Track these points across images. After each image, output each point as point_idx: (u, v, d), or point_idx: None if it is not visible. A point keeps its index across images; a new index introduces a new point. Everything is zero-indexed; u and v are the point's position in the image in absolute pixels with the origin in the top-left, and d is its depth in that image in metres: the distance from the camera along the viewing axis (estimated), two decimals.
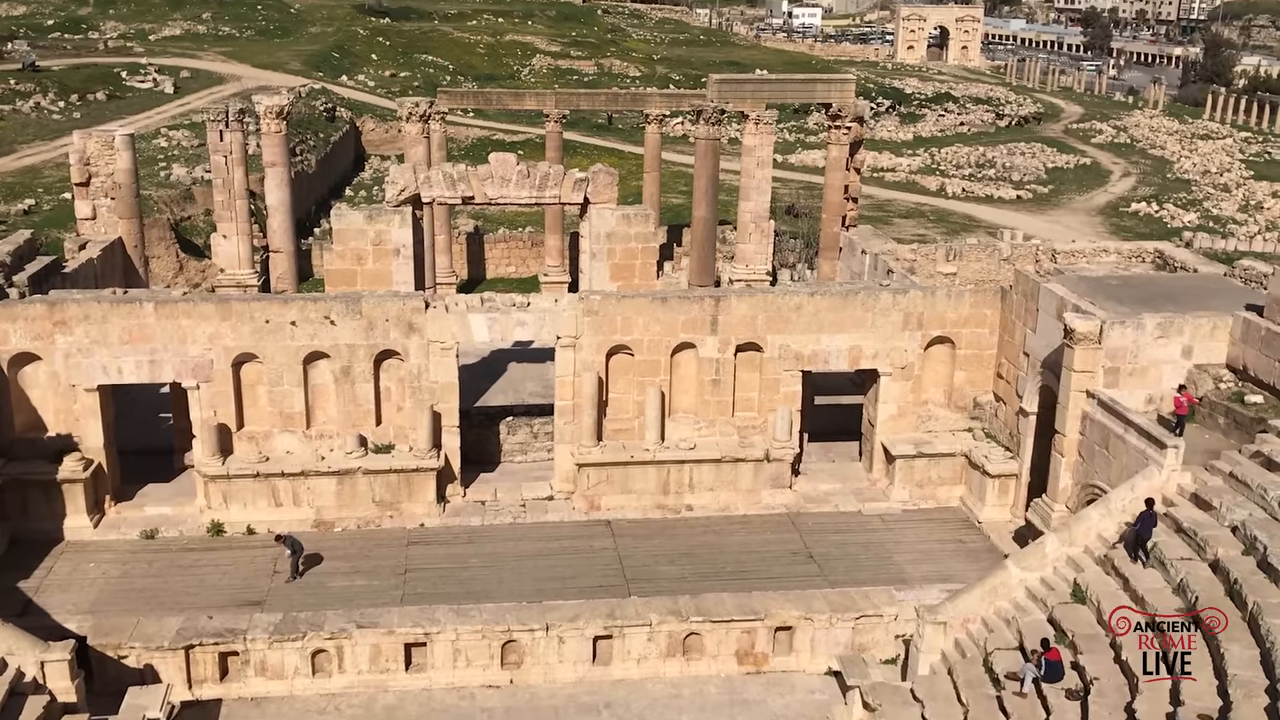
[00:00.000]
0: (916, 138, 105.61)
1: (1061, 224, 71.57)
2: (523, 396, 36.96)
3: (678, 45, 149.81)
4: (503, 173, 34.21)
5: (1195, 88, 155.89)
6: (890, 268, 37.71)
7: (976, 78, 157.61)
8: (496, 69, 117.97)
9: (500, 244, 59.48)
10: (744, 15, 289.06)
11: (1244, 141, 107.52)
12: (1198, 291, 33.84)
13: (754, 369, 33.59)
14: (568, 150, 66.83)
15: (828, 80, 54.51)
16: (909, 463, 33.88)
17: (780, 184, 67.82)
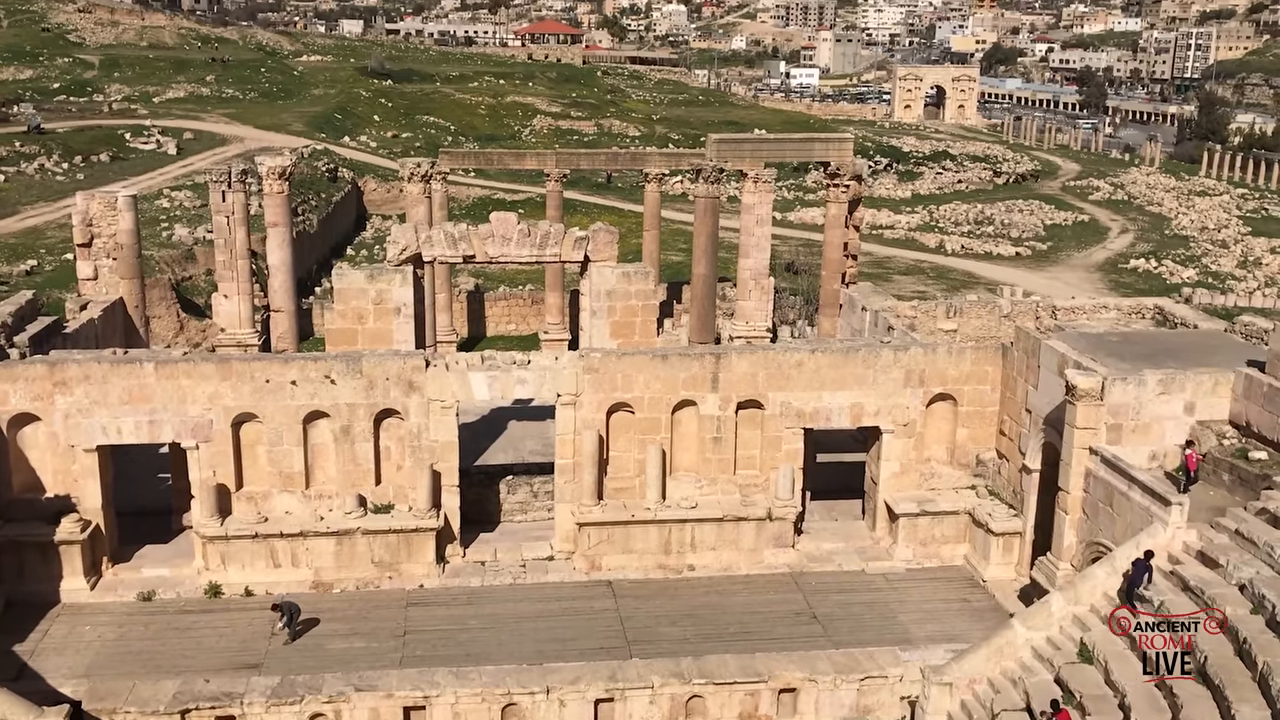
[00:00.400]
0: (915, 195, 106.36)
1: (1061, 280, 71.79)
2: (523, 455, 36.82)
3: (677, 105, 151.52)
4: (504, 232, 34.36)
5: (1191, 145, 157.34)
6: (891, 324, 37.73)
7: (974, 136, 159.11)
8: (498, 129, 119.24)
9: (501, 302, 59.62)
10: (742, 76, 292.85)
11: (1240, 198, 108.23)
12: (1199, 348, 33.81)
13: (755, 426, 33.47)
14: (568, 209, 67.22)
15: (826, 139, 55.02)
16: (912, 521, 33.64)
17: (780, 241, 68.14)
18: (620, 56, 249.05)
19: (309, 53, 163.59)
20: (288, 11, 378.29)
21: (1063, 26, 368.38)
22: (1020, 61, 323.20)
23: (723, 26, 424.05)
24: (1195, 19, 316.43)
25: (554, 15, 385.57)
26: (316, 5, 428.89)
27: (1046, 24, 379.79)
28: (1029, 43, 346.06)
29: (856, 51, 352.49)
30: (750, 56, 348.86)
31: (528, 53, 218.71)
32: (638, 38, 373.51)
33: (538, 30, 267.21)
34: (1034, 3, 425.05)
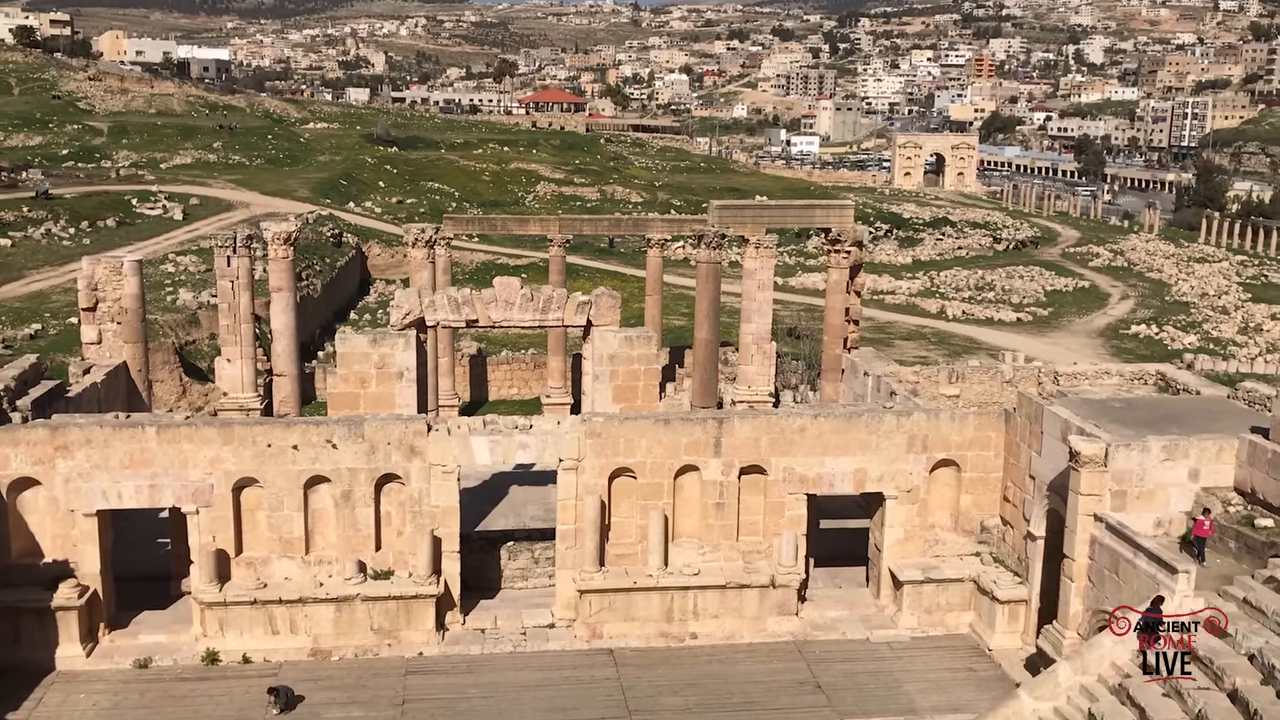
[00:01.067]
0: (916, 261, 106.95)
1: (1062, 346, 71.86)
2: (524, 520, 36.60)
3: (679, 172, 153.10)
4: (507, 296, 34.52)
5: (1189, 212, 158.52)
6: (893, 390, 37.72)
7: (973, 203, 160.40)
8: (501, 195, 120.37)
9: (503, 366, 59.69)
10: (743, 143, 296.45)
11: (1240, 264, 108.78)
12: (1202, 414, 33.75)
13: (758, 492, 33.31)
14: (571, 274, 67.56)
15: (826, 205, 55.41)
16: (917, 589, 33.33)
17: (781, 306, 68.39)
18: (623, 124, 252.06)
19: (315, 120, 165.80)
20: (295, 80, 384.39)
21: (1060, 95, 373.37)
22: (1019, 130, 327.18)
23: (724, 95, 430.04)
24: (1191, 89, 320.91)
25: (558, 84, 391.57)
26: (324, 74, 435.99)
27: (1044, 93, 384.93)
28: (1027, 111, 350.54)
29: (856, 120, 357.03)
30: (751, 124, 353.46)
31: (532, 120, 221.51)
32: (640, 106, 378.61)
33: (542, 99, 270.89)
34: (1031, 72, 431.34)
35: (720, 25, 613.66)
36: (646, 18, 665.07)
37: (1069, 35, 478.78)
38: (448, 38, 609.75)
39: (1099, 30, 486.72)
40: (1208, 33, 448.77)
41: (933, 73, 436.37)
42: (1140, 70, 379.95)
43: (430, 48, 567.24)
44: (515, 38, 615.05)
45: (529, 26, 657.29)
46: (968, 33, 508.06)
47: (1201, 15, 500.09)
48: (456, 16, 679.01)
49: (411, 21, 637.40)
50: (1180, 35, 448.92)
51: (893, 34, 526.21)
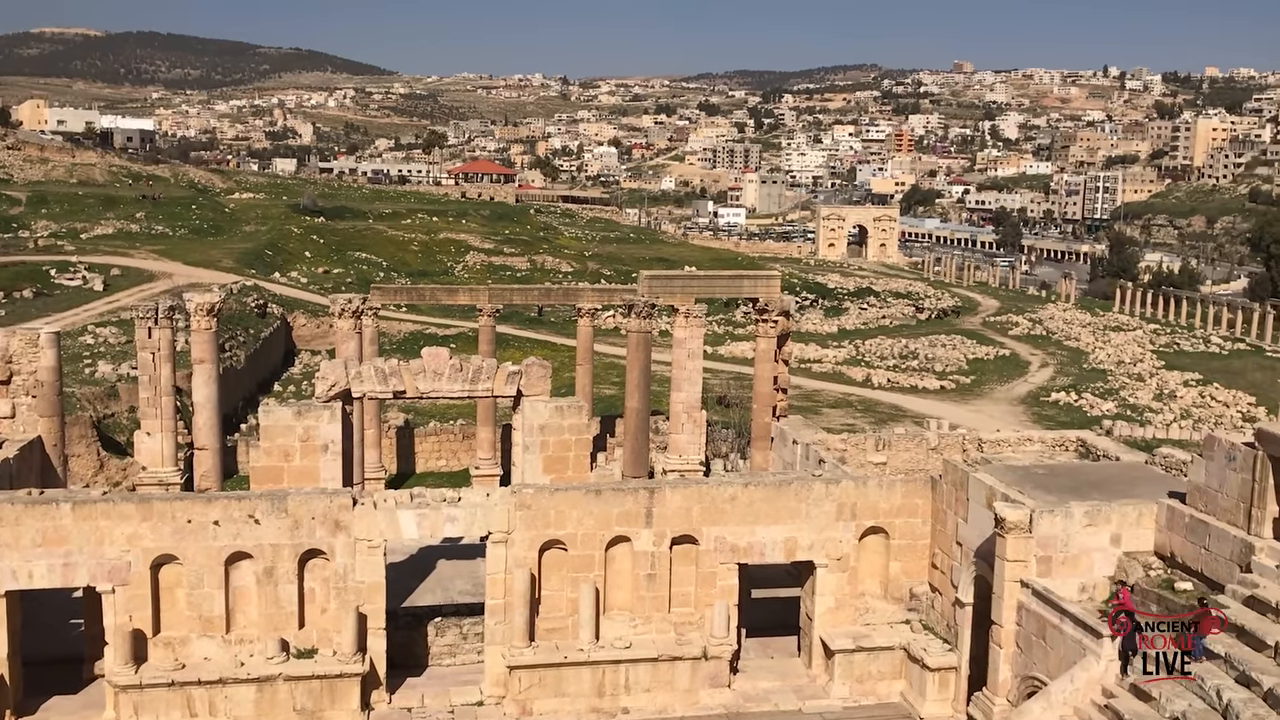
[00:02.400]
0: (841, 330, 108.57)
1: (985, 413, 73.14)
2: (452, 595, 35.97)
3: (608, 243, 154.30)
4: (435, 367, 34.26)
5: (1104, 282, 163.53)
6: (821, 458, 37.97)
7: (896, 273, 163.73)
8: (430, 265, 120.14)
9: (431, 437, 59.08)
10: (671, 214, 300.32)
11: (1153, 333, 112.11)
12: (1121, 479, 34.45)
13: (690, 562, 33.16)
14: (501, 343, 67.43)
15: (754, 276, 56.19)
16: (848, 657, 33.29)
17: (711, 374, 68.82)
18: (552, 195, 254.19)
19: (241, 190, 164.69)
20: (221, 150, 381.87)
21: (977, 169, 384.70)
22: (938, 202, 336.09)
23: (652, 168, 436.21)
24: (1101, 164, 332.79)
25: (487, 155, 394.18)
26: (250, 144, 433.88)
27: (962, 167, 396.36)
28: (946, 184, 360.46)
29: (781, 192, 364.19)
30: (679, 196, 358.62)
31: (461, 191, 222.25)
32: (570, 178, 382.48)
33: (471, 170, 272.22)
34: (949, 147, 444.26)
35: (648, 100, 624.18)
36: (575, 91, 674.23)
37: (985, 112, 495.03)
38: (376, 109, 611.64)
39: (1013, 107, 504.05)
40: (1115, 110, 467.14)
41: (854, 147, 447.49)
42: (1053, 145, 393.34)
43: (359, 119, 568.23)
44: (444, 110, 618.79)
45: (458, 99, 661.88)
46: (888, 109, 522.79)
47: (1109, 94, 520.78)
48: (385, 88, 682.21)
49: (340, 93, 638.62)
50: (1090, 112, 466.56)
51: (815, 109, 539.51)
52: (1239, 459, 27.69)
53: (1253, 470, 27.19)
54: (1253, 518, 27.18)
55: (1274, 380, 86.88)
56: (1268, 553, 26.35)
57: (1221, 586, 26.95)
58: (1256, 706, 22.57)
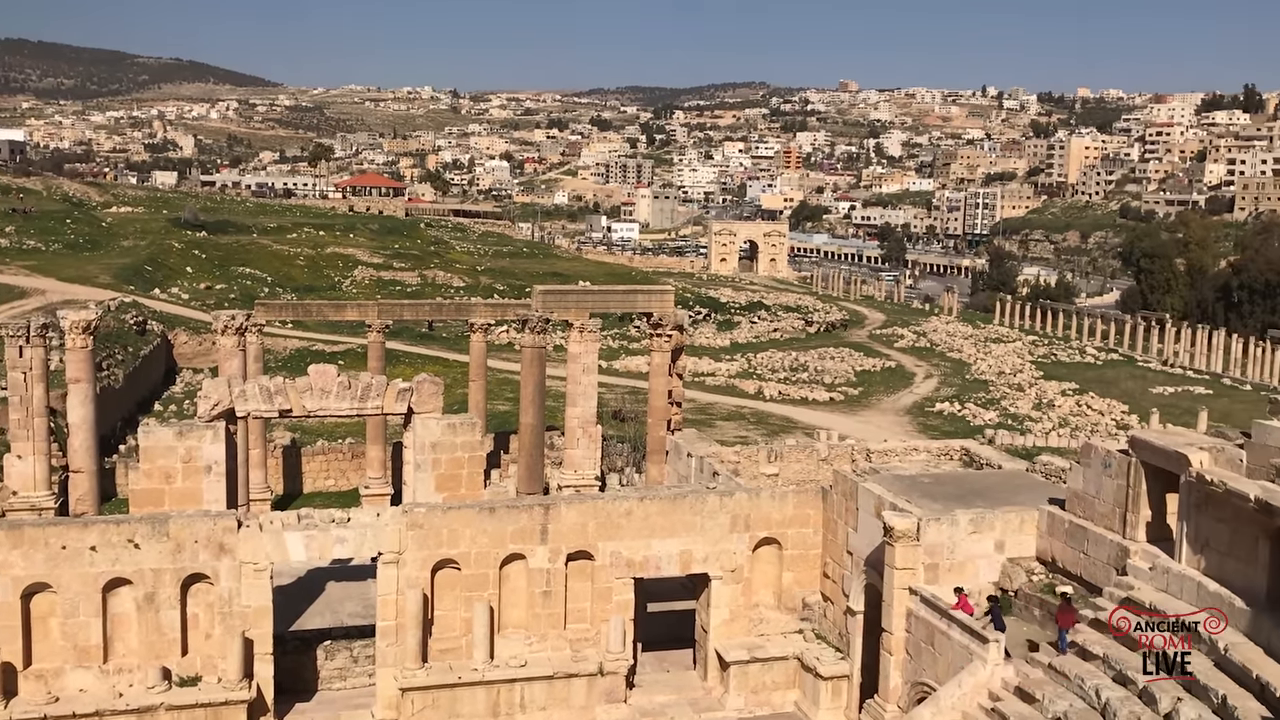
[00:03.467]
0: (733, 344, 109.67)
1: (873, 424, 74.55)
2: (342, 618, 35.18)
3: (501, 257, 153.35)
4: (322, 385, 33.55)
5: (984, 295, 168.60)
6: (716, 470, 38.25)
7: (785, 287, 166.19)
8: (317, 280, 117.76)
9: (319, 456, 57.81)
10: (565, 229, 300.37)
11: (1032, 344, 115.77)
12: (1004, 487, 35.46)
13: (585, 578, 33.03)
14: (391, 360, 66.41)
15: (648, 290, 56.44)
16: (743, 669, 33.53)
17: (606, 389, 68.79)
18: (444, 209, 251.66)
19: (119, 204, 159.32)
20: (97, 163, 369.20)
21: (863, 186, 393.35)
22: (825, 218, 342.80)
23: (545, 182, 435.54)
24: (981, 180, 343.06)
25: (376, 169, 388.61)
26: (128, 157, 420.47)
27: (848, 183, 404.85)
28: (833, 200, 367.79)
29: (674, 207, 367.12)
30: (573, 211, 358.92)
31: (349, 205, 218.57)
32: (461, 191, 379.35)
33: (359, 183, 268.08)
34: (836, 164, 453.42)
35: (540, 114, 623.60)
36: (466, 105, 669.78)
37: (869, 130, 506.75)
38: (260, 121, 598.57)
39: (897, 125, 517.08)
40: (994, 129, 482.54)
41: (744, 163, 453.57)
42: (935, 163, 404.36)
43: (242, 131, 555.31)
44: (331, 122, 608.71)
45: (345, 111, 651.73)
46: (776, 126, 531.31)
47: (987, 113, 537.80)
48: (270, 100, 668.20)
49: (223, 104, 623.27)
50: (970, 131, 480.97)
51: (706, 126, 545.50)
52: (1114, 466, 28.73)
53: (1127, 476, 28.24)
54: (1128, 522, 28.22)
55: (1145, 389, 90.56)
56: (1142, 555, 27.37)
57: (1100, 589, 27.90)
58: (1132, 704, 23.39)
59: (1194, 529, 25.87)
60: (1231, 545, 24.71)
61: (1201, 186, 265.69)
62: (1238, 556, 24.50)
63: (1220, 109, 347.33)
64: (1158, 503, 27.91)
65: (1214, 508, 25.19)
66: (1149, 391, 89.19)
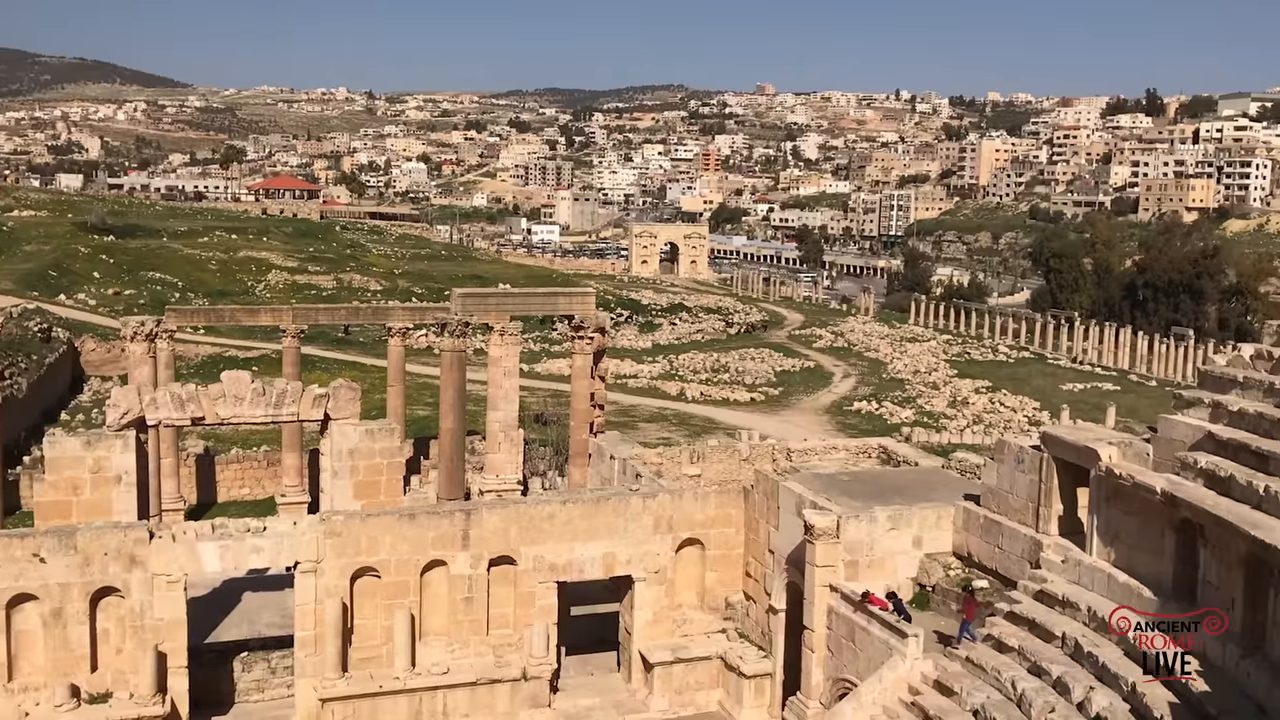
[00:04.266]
0: (655, 345, 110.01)
1: (793, 424, 75.30)
2: (259, 629, 34.49)
3: (419, 260, 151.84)
4: (236, 391, 32.87)
5: (900, 295, 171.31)
6: (639, 472, 38.28)
7: (706, 289, 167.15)
8: (230, 285, 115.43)
9: (233, 465, 56.61)
10: (484, 231, 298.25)
11: (946, 343, 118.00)
12: (921, 484, 36.04)
13: (508, 583, 32.82)
14: (307, 365, 65.33)
15: (569, 293, 56.32)
16: (667, 669, 33.59)
17: (528, 393, 68.48)
18: (360, 212, 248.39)
19: (21, 207, 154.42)
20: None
21: (781, 188, 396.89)
22: (745, 220, 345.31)
23: (463, 184, 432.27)
24: (895, 183, 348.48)
25: (290, 171, 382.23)
26: (30, 159, 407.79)
27: (766, 186, 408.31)
28: (751, 203, 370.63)
29: (594, 209, 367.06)
30: (492, 213, 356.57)
31: (262, 208, 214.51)
32: (377, 194, 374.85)
33: (272, 185, 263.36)
34: (754, 166, 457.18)
35: (457, 116, 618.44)
36: (382, 106, 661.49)
37: (786, 133, 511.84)
38: (170, 123, 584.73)
39: (813, 129, 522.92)
40: (907, 132, 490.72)
41: (664, 166, 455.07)
42: (851, 165, 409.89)
43: (151, 133, 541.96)
44: (243, 124, 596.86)
45: (258, 113, 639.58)
46: (695, 129, 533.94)
47: (901, 116, 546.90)
48: (179, 101, 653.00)
49: (130, 105, 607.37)
50: (884, 134, 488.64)
51: (625, 128, 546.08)
52: (1027, 461, 29.37)
53: (1039, 472, 28.90)
54: (1040, 516, 28.88)
55: (1056, 386, 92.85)
56: (1054, 549, 28.02)
57: (1014, 583, 28.49)
58: (1047, 694, 23.91)
59: (1104, 522, 26.57)
60: (1140, 537, 25.42)
61: (1107, 188, 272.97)
62: (1145, 548, 25.21)
63: (1124, 112, 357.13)
64: (1069, 497, 28.61)
65: (1122, 501, 25.89)
66: (1059, 388, 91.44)
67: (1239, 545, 21.70)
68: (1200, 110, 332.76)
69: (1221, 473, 23.56)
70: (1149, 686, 22.18)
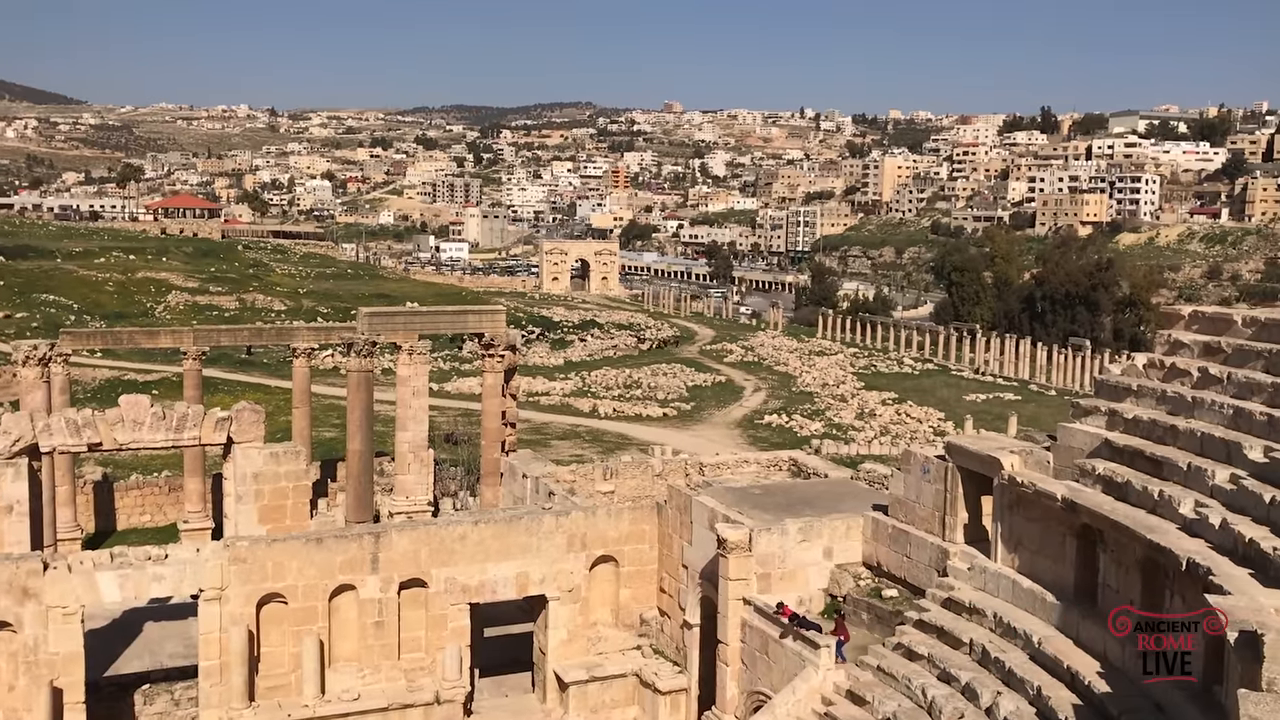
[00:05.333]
0: (567, 362, 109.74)
1: (705, 438, 75.67)
2: (161, 660, 33.46)
3: (324, 279, 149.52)
4: (135, 416, 31.92)
5: (808, 310, 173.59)
6: (551, 490, 38.10)
7: (618, 305, 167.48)
8: (128, 307, 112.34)
9: (133, 491, 54.92)
10: (391, 249, 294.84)
11: (853, 356, 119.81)
12: (830, 495, 36.46)
13: (419, 606, 32.34)
14: (209, 388, 63.76)
15: (479, 311, 55.90)
16: (582, 688, 33.41)
17: (438, 412, 67.71)
18: (263, 230, 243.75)
19: None
20: None
21: (690, 205, 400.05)
22: (654, 236, 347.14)
23: (369, 202, 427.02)
24: (802, 199, 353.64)
25: (190, 190, 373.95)
26: None
27: (675, 203, 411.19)
28: (661, 219, 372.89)
29: (504, 227, 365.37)
30: (399, 231, 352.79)
31: (161, 227, 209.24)
32: (281, 212, 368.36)
33: (172, 204, 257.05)
34: (663, 183, 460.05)
35: (363, 133, 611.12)
36: (285, 123, 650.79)
37: (694, 150, 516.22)
38: (63, 140, 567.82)
39: (720, 146, 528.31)
40: (812, 149, 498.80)
41: (573, 183, 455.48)
42: (758, 182, 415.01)
43: (43, 151, 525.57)
44: (141, 142, 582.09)
45: (156, 130, 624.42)
46: (604, 146, 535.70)
47: (806, 134, 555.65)
48: (73, 119, 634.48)
49: (20, 123, 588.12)
50: (789, 151, 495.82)
51: (534, 145, 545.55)
52: (933, 471, 29.91)
53: (945, 481, 29.45)
54: (947, 525, 29.41)
55: (960, 396, 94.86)
56: (961, 556, 28.55)
57: (923, 591, 28.96)
58: (956, 700, 24.33)
59: (1007, 529, 27.16)
60: (1042, 543, 26.04)
61: (1005, 203, 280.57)
62: (1048, 554, 25.83)
63: (1020, 130, 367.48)
64: (974, 505, 29.20)
65: (1025, 508, 26.50)
66: (963, 399, 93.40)
67: (1136, 549, 22.36)
68: (1092, 127, 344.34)
69: (1118, 479, 24.27)
70: (1054, 690, 22.70)
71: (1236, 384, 24.80)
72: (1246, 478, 22.06)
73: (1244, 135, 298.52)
